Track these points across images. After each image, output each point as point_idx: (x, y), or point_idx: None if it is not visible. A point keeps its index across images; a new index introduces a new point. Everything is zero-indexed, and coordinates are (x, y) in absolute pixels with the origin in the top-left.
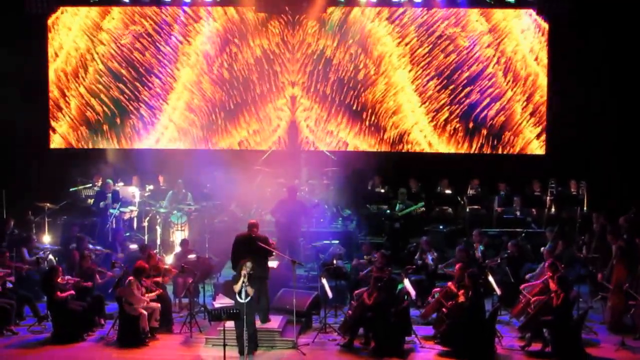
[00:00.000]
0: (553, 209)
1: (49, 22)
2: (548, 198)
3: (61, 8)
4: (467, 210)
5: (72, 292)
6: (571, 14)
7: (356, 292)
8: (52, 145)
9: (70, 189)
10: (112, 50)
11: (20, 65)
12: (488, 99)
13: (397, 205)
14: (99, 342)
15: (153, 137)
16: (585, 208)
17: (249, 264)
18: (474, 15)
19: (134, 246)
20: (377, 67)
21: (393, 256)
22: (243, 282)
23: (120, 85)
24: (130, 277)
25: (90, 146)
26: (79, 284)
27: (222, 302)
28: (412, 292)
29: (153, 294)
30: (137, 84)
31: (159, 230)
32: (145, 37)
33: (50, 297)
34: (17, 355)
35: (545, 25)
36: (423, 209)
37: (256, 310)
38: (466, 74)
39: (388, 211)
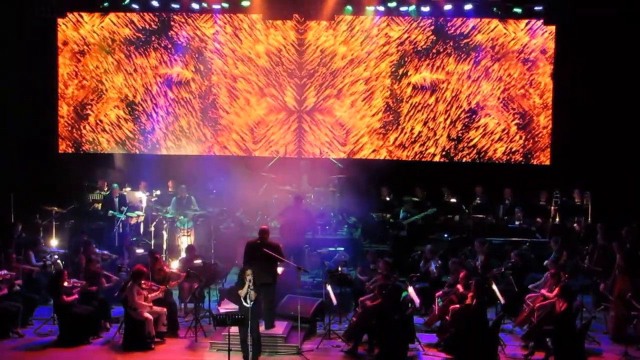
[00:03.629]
0: (557, 219)
1: (59, 26)
2: (552, 208)
3: (69, 15)
4: (472, 219)
5: (77, 296)
6: (578, 24)
7: (361, 298)
8: (60, 150)
9: (88, 195)
10: (122, 55)
11: (29, 70)
12: (491, 109)
13: (401, 213)
14: (105, 345)
15: (161, 143)
16: (589, 218)
17: (249, 271)
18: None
19: (140, 251)
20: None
21: (398, 264)
22: (248, 287)
23: (128, 90)
24: (129, 282)
25: (98, 151)
26: (85, 287)
27: (227, 307)
28: (417, 300)
29: (155, 293)
30: (145, 89)
31: (165, 235)
32: (154, 43)
33: (57, 300)
34: (22, 357)
35: (552, 36)
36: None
37: (260, 316)
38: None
39: (392, 220)
